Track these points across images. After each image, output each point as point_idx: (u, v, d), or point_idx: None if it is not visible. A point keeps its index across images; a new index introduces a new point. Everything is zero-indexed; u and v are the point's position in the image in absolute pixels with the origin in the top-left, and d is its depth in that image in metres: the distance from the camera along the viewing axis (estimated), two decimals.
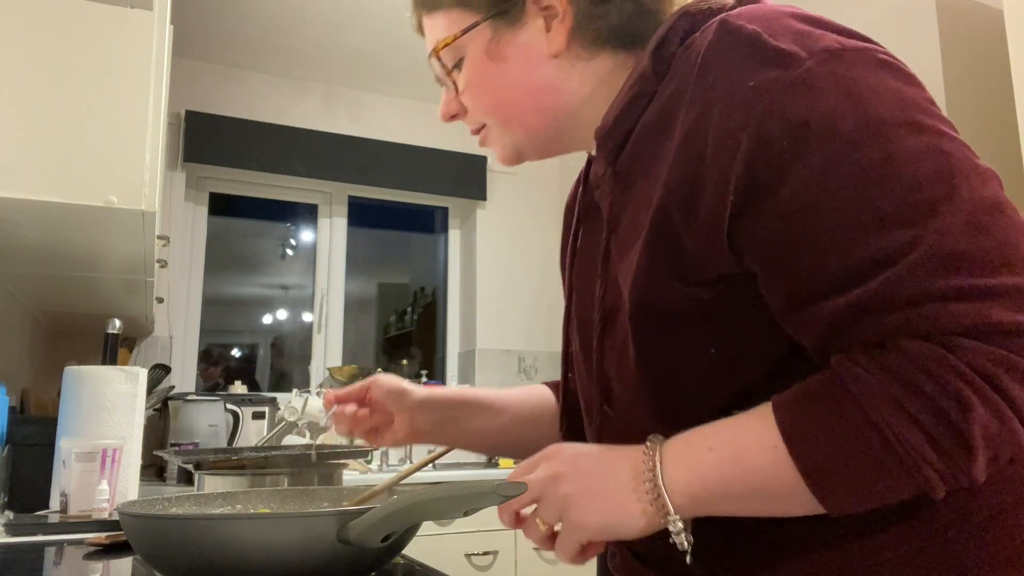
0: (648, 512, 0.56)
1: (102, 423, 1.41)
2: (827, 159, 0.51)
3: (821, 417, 0.51)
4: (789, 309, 0.54)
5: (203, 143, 3.22)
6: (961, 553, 0.54)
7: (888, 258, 0.49)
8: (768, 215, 0.53)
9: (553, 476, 0.58)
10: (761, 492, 0.53)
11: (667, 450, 0.56)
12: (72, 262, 1.73)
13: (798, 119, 0.52)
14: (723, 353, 0.59)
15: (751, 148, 0.53)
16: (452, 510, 0.63)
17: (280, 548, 0.63)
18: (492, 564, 2.66)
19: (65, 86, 1.33)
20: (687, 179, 0.57)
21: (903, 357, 0.48)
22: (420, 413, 0.89)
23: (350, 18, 3.05)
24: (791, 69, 0.53)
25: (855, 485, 0.50)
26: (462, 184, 3.71)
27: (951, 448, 0.47)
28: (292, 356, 3.61)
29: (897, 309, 0.49)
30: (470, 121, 0.77)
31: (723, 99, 0.55)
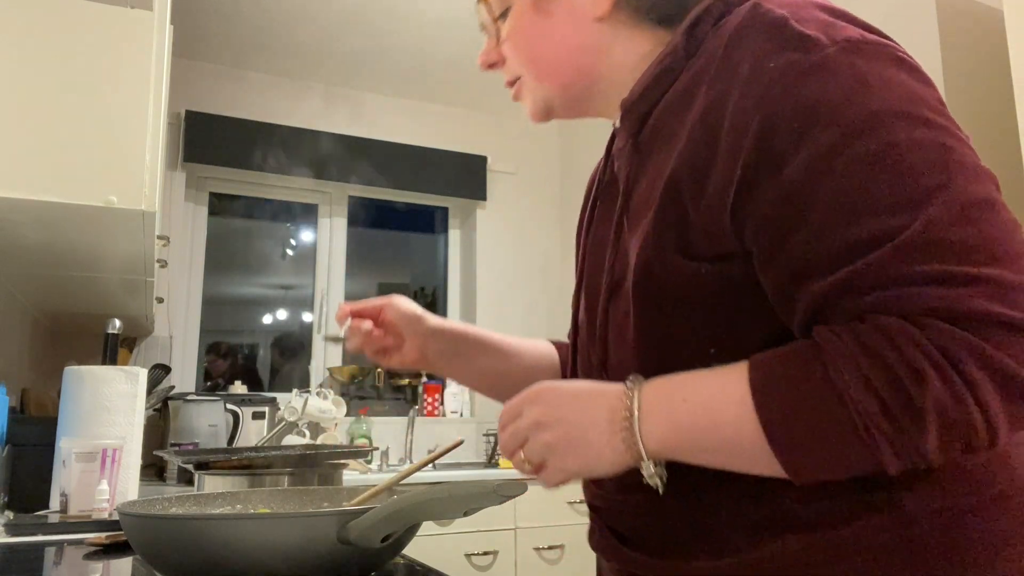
0: (624, 456, 0.59)
1: (102, 423, 1.41)
2: (831, 143, 0.53)
3: (788, 375, 0.53)
4: (781, 287, 0.56)
5: (203, 143, 3.22)
6: (925, 550, 0.55)
7: (876, 240, 0.51)
8: (770, 193, 0.55)
9: (536, 423, 0.62)
10: (727, 445, 0.56)
11: (645, 396, 0.59)
12: (72, 262, 1.73)
13: (809, 102, 0.54)
14: (715, 330, 0.60)
15: (762, 126, 0.55)
16: (452, 510, 0.63)
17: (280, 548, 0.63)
18: (492, 564, 2.66)
19: (65, 86, 1.33)
20: (700, 153, 0.59)
21: (874, 328, 0.50)
22: (431, 341, 0.91)
23: (350, 18, 3.05)
24: (811, 54, 0.55)
25: (811, 445, 0.52)
26: (462, 184, 3.71)
27: (902, 416, 0.49)
28: (292, 356, 3.61)
29: (878, 288, 0.51)
30: (507, 71, 0.79)
31: (744, 78, 0.57)
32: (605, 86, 0.74)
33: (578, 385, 0.64)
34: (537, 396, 0.64)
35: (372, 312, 0.92)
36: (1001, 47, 2.07)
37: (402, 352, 0.92)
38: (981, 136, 2.48)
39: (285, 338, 3.66)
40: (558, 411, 0.62)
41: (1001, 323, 0.48)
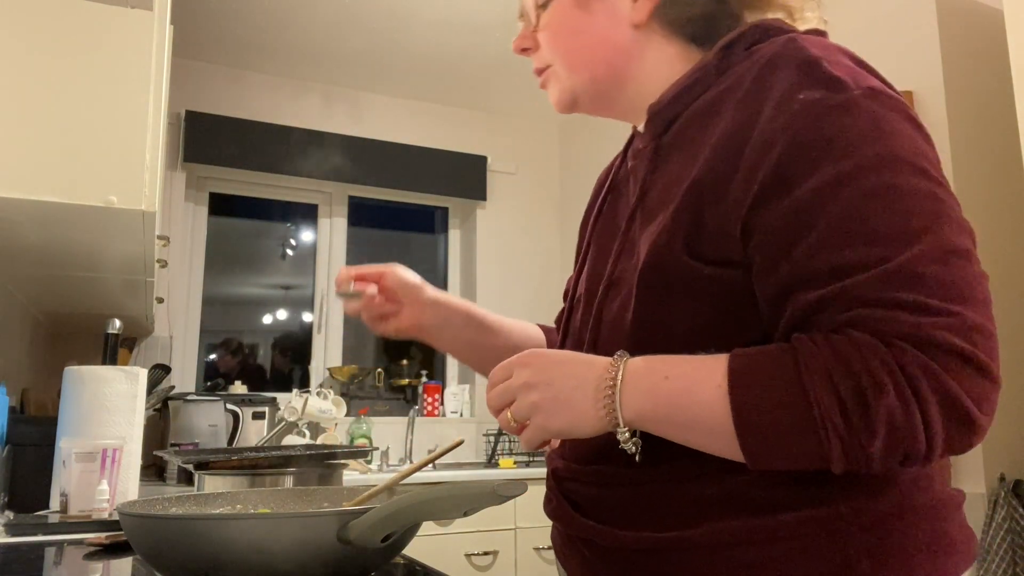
0: (603, 421, 0.64)
1: (102, 423, 1.41)
2: (840, 174, 0.59)
3: (764, 369, 0.59)
4: (774, 295, 0.62)
5: (203, 143, 3.22)
6: (850, 546, 0.61)
7: (865, 265, 0.57)
8: (780, 209, 0.61)
9: (525, 384, 0.67)
10: (697, 423, 0.61)
11: (629, 369, 0.64)
12: (72, 262, 1.73)
13: (830, 134, 0.60)
14: (706, 329, 0.66)
15: (785, 149, 0.61)
16: (452, 510, 0.63)
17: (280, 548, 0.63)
18: (492, 564, 2.66)
19: (65, 86, 1.33)
20: (724, 165, 0.64)
21: (847, 340, 0.56)
22: (428, 310, 0.94)
23: (350, 18, 3.05)
24: (839, 93, 0.61)
25: (771, 434, 0.58)
26: (462, 184, 3.71)
27: (857, 421, 0.55)
28: (292, 356, 3.61)
29: (858, 306, 0.57)
30: (538, 59, 0.83)
31: (774, 103, 0.63)
32: (632, 89, 0.79)
33: (567, 353, 0.69)
34: (528, 359, 0.68)
35: (374, 277, 0.94)
36: (1001, 47, 2.07)
37: (399, 319, 0.94)
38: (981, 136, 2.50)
39: (285, 338, 3.66)
40: (547, 374, 0.66)
41: (959, 355, 0.54)
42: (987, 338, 0.56)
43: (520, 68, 3.45)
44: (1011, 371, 2.25)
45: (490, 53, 3.32)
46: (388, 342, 3.86)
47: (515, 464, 3.13)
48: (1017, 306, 2.30)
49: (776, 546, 0.62)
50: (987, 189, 2.36)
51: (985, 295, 0.58)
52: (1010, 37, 1.84)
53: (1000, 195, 2.38)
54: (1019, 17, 1.83)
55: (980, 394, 0.55)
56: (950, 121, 2.35)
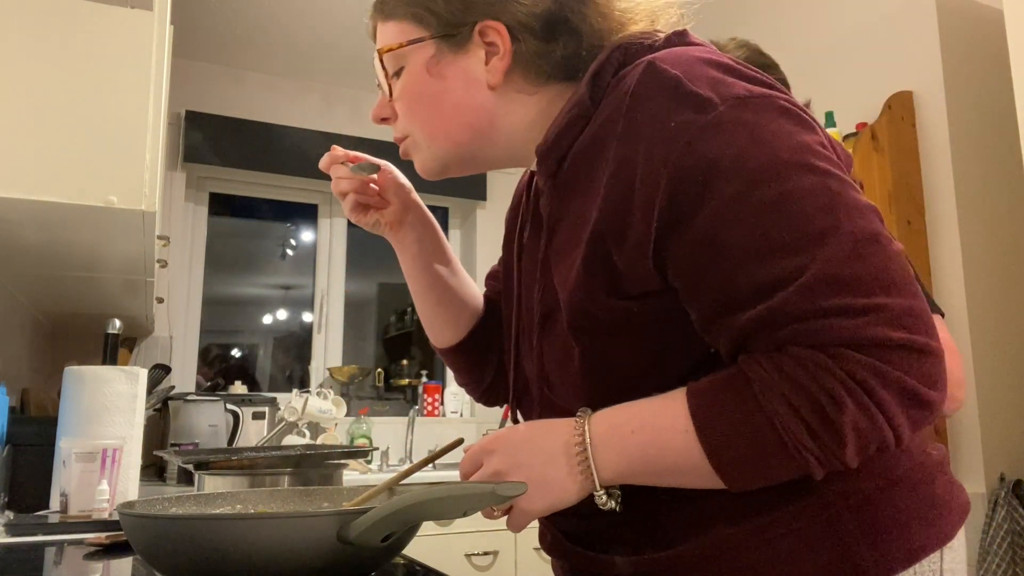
0: (583, 487, 0.65)
1: (102, 423, 1.41)
2: (733, 195, 0.59)
3: (725, 406, 0.59)
4: (704, 321, 0.63)
5: (203, 143, 3.22)
6: (842, 529, 0.63)
7: (783, 281, 0.57)
8: (684, 241, 0.61)
9: (495, 473, 0.67)
10: (674, 469, 0.62)
11: (594, 429, 0.65)
12: (72, 262, 1.73)
13: (711, 157, 0.60)
14: (652, 354, 0.66)
15: (671, 181, 0.60)
16: (452, 510, 0.63)
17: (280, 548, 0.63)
18: (492, 564, 2.66)
19: (65, 86, 1.33)
20: (619, 206, 0.64)
21: (793, 361, 0.57)
22: (411, 214, 0.94)
23: (350, 18, 3.05)
24: (706, 113, 0.60)
25: (749, 464, 0.59)
26: (462, 184, 3.71)
27: (825, 437, 0.56)
28: (292, 356, 3.61)
29: (790, 323, 0.57)
30: (397, 128, 0.81)
31: (648, 137, 0.62)
32: (503, 144, 0.78)
33: (528, 428, 0.69)
34: (492, 445, 0.68)
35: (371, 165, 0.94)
36: (1001, 47, 2.07)
37: (383, 213, 0.93)
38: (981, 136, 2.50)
39: (285, 338, 3.66)
40: (515, 458, 0.67)
41: (898, 346, 0.55)
42: (917, 317, 0.57)
43: None
44: (1011, 371, 2.25)
45: None
46: (388, 341, 3.86)
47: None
48: (1017, 306, 2.30)
49: (772, 545, 0.63)
50: (987, 189, 2.36)
51: (903, 274, 0.58)
52: (1010, 37, 1.84)
53: (1000, 195, 2.38)
54: (1019, 17, 1.83)
55: (928, 374, 0.56)
56: (950, 121, 2.35)
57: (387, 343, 3.86)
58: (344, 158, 0.91)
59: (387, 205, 0.93)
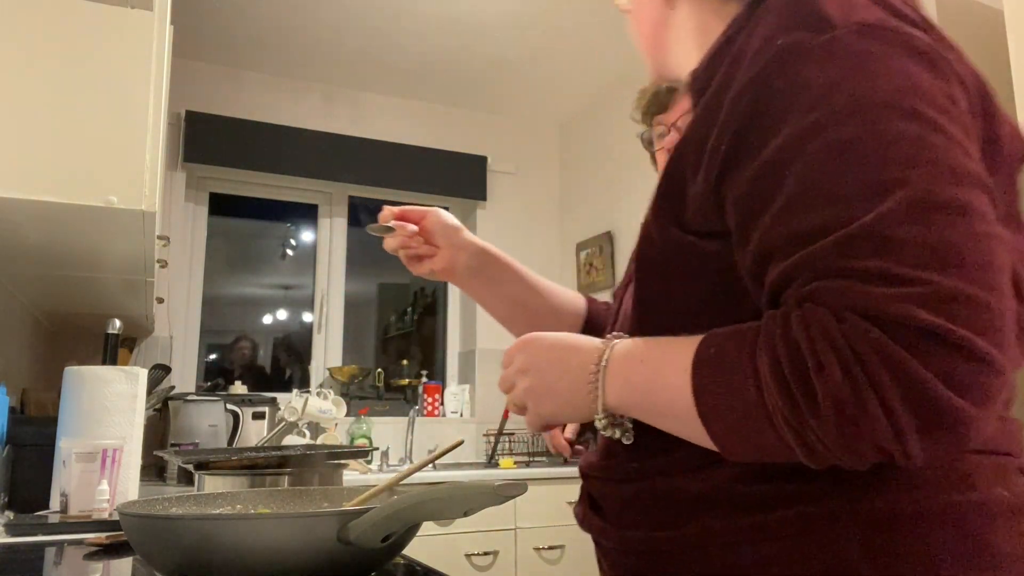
0: (589, 407, 0.63)
1: (102, 423, 1.41)
2: (808, 126, 0.52)
3: (726, 352, 0.54)
4: (750, 269, 0.57)
5: (203, 143, 3.22)
6: (844, 547, 0.55)
7: (824, 230, 0.51)
8: (747, 172, 0.55)
9: (519, 370, 0.68)
10: (667, 410, 0.58)
11: (615, 353, 0.62)
12: (72, 262, 1.73)
13: (801, 82, 0.53)
14: (706, 304, 0.61)
15: (754, 103, 0.55)
16: (452, 510, 0.63)
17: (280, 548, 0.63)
18: (492, 564, 2.66)
19: (65, 86, 1.33)
20: (703, 127, 0.59)
21: (799, 317, 0.50)
22: (463, 254, 0.93)
23: (350, 18, 3.05)
24: (820, 33, 0.54)
25: (730, 420, 0.54)
26: (462, 184, 3.71)
27: (801, 401, 0.49)
28: (292, 356, 3.61)
29: (817, 278, 0.51)
30: None
31: (754, 53, 0.57)
32: (672, 64, 0.77)
33: (558, 337, 0.68)
34: (524, 344, 0.68)
35: (415, 216, 0.94)
36: (1001, 47, 2.07)
37: (433, 260, 0.94)
38: None
39: (285, 338, 3.66)
40: (535, 360, 0.67)
41: (925, 331, 0.46)
42: (972, 308, 0.47)
43: (520, 68, 3.45)
44: None
45: (490, 53, 3.32)
46: (388, 341, 3.86)
47: (515, 464, 3.13)
48: None
49: (765, 546, 0.58)
50: None
51: (983, 257, 0.48)
52: (1010, 37, 1.84)
53: None
54: (1019, 17, 1.83)
55: (958, 376, 0.46)
56: None
57: (387, 343, 3.86)
58: (391, 218, 0.93)
59: (436, 252, 0.94)
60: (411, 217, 0.94)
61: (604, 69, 3.42)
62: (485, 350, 3.62)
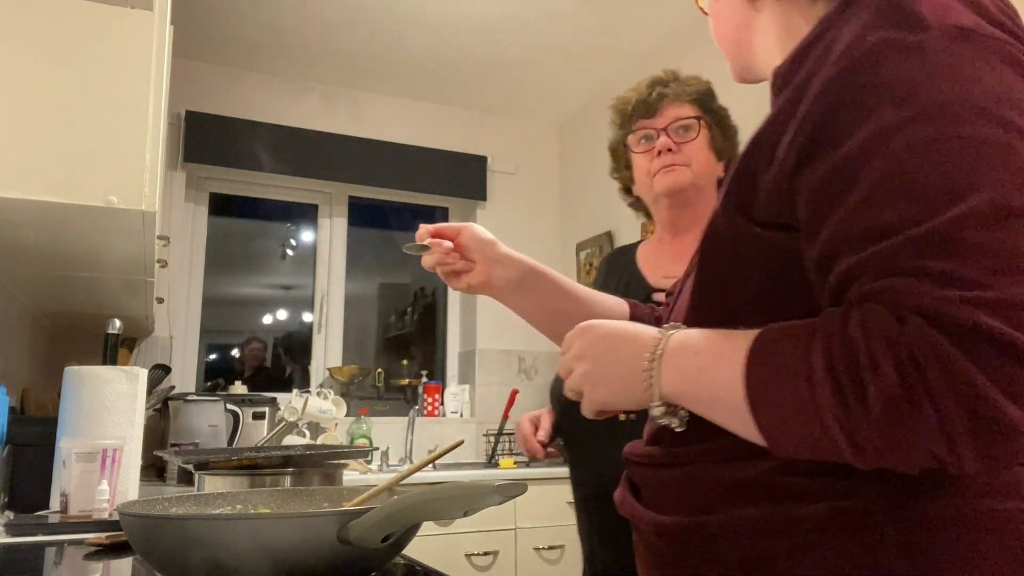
0: (645, 394, 0.63)
1: (102, 423, 1.41)
2: (893, 123, 0.52)
3: (781, 348, 0.54)
4: (818, 262, 0.56)
5: (203, 143, 3.22)
6: (883, 549, 0.55)
7: (896, 228, 0.50)
8: (825, 165, 0.55)
9: (575, 356, 0.69)
10: (719, 401, 0.58)
11: (671, 342, 0.62)
12: (72, 262, 1.73)
13: (889, 80, 0.53)
14: (762, 296, 0.62)
15: (840, 97, 0.55)
16: (452, 510, 0.63)
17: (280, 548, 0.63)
18: (492, 564, 2.66)
19: (65, 86, 1.33)
20: (782, 117, 0.59)
21: (860, 315, 0.50)
22: (500, 267, 0.95)
23: (350, 18, 3.05)
24: (912, 33, 0.54)
25: (780, 417, 0.53)
26: (462, 184, 3.71)
27: (850, 397, 0.49)
28: (292, 356, 3.61)
29: (884, 276, 0.50)
30: None
31: (843, 49, 0.56)
32: (755, 62, 0.78)
33: (615, 325, 0.69)
34: (582, 332, 0.70)
35: (451, 233, 0.95)
36: None
37: (470, 275, 0.95)
38: None
39: (285, 338, 3.66)
40: (591, 347, 0.68)
41: (990, 339, 0.46)
42: None
43: (520, 68, 3.45)
44: None
45: (490, 53, 3.32)
46: (388, 341, 3.86)
47: (515, 464, 3.13)
48: None
49: (794, 538, 0.57)
50: None
51: None
52: None
53: None
54: None
55: (1018, 386, 0.45)
56: None
57: (387, 343, 3.86)
58: (427, 236, 0.94)
59: (472, 267, 0.95)
60: (446, 234, 0.94)
61: (604, 69, 3.42)
62: (485, 350, 3.62)
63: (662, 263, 1.41)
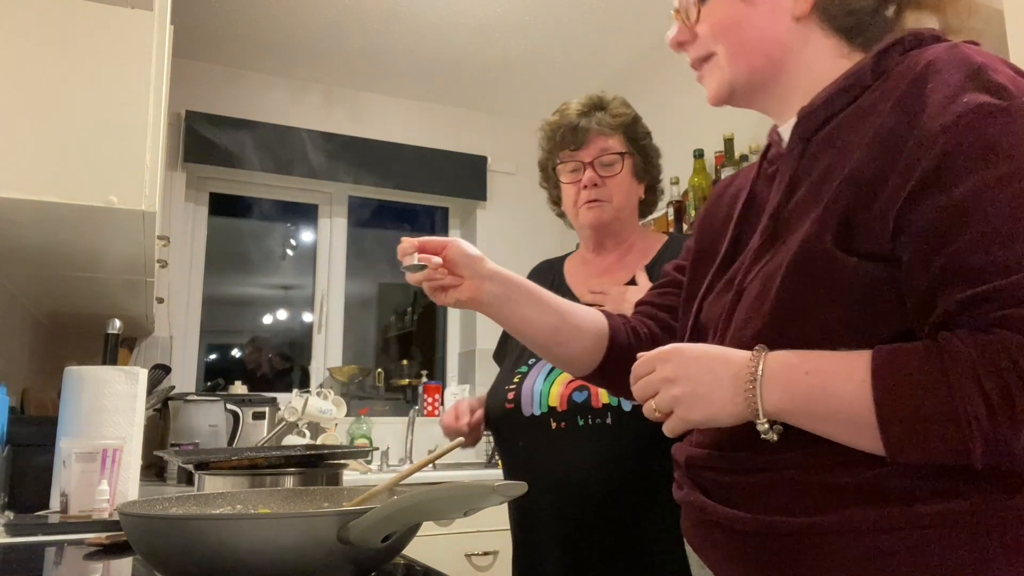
0: (744, 412, 0.68)
1: (102, 423, 1.41)
2: (999, 176, 0.61)
3: (909, 366, 0.61)
4: (925, 291, 0.64)
5: (203, 143, 3.21)
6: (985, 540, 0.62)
7: (1013, 267, 0.60)
8: (937, 205, 0.63)
9: (666, 379, 0.72)
10: (837, 417, 0.64)
11: (769, 363, 0.68)
12: (72, 262, 1.73)
13: (991, 138, 0.62)
14: (847, 318, 0.68)
15: (946, 148, 0.63)
16: (452, 510, 0.63)
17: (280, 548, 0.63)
18: (492, 564, 2.66)
19: (65, 86, 1.33)
20: (883, 159, 0.66)
21: (996, 340, 0.59)
22: (488, 283, 0.95)
23: (350, 18, 3.05)
24: (1001, 99, 0.64)
25: (913, 427, 0.60)
26: (462, 184, 3.71)
27: (1002, 419, 0.57)
28: (292, 356, 3.61)
29: (1007, 307, 0.59)
30: (697, 50, 0.85)
31: (939, 103, 0.65)
32: (785, 83, 0.81)
33: (704, 349, 0.73)
34: (668, 355, 0.73)
35: (436, 248, 0.95)
36: (1001, 47, 2.06)
37: (458, 291, 0.95)
38: None
39: (285, 338, 3.66)
40: (686, 369, 0.71)
41: None
42: None
43: (520, 68, 3.45)
44: None
45: (490, 53, 3.32)
46: (388, 341, 3.86)
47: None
48: None
49: (912, 535, 0.63)
50: None
51: None
52: (1010, 37, 1.84)
53: None
54: (1019, 17, 1.83)
55: None
56: None
57: (387, 343, 3.86)
58: (412, 249, 0.93)
59: (461, 282, 0.95)
60: (431, 247, 0.94)
61: (604, 69, 3.42)
62: (485, 350, 3.62)
63: (588, 277, 1.49)
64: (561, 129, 1.45)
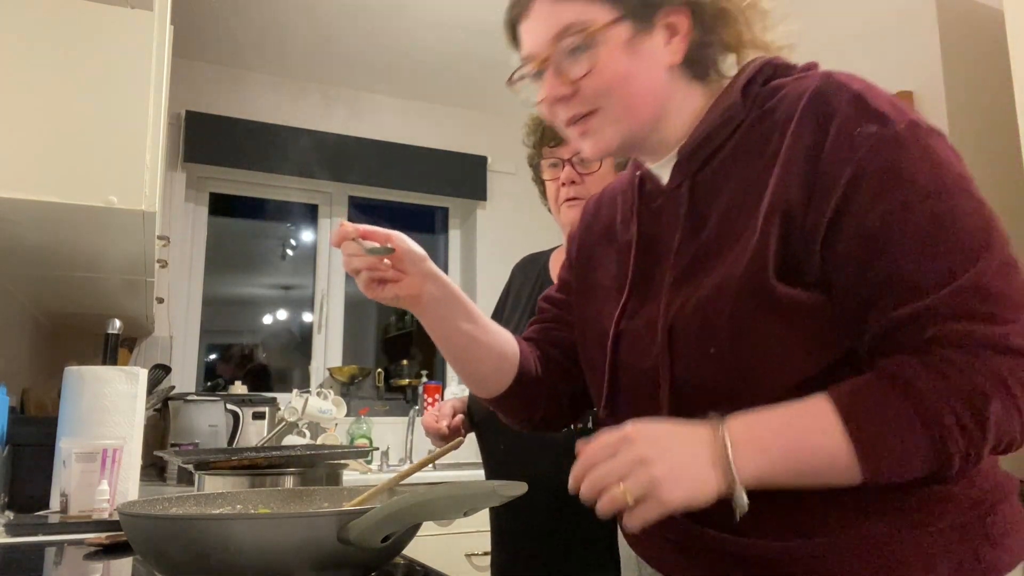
0: (720, 486, 0.66)
1: (102, 423, 1.41)
2: (905, 201, 0.67)
3: (875, 402, 0.65)
4: (855, 314, 0.69)
5: (203, 143, 3.21)
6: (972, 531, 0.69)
7: (938, 284, 0.65)
8: (853, 235, 0.68)
9: (639, 459, 0.65)
10: (818, 469, 0.66)
11: (733, 431, 0.66)
12: (72, 262, 1.73)
13: (889, 166, 0.68)
14: (793, 352, 0.70)
15: (851, 179, 0.68)
16: (452, 510, 0.63)
17: (280, 548, 0.63)
18: None
19: (65, 86, 1.33)
20: (798, 192, 0.70)
21: (943, 361, 0.63)
22: (429, 283, 0.90)
23: (350, 18, 3.05)
24: (887, 128, 0.68)
25: (896, 458, 0.64)
26: (462, 184, 3.71)
27: (973, 430, 0.63)
28: (292, 356, 3.61)
29: (941, 322, 0.64)
30: (578, 105, 0.81)
31: (833, 137, 0.69)
32: (662, 129, 0.82)
33: (670, 425, 0.69)
34: (632, 435, 0.67)
35: (381, 238, 0.89)
36: (1001, 47, 2.06)
37: (399, 286, 0.88)
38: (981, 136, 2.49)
39: (285, 338, 3.66)
40: (660, 446, 0.66)
41: None
42: None
43: None
44: None
45: (490, 53, 3.32)
46: (388, 341, 3.86)
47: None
48: None
49: (921, 542, 0.68)
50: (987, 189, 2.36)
51: None
52: (1010, 37, 1.84)
53: (1000, 195, 2.37)
54: (1019, 17, 1.83)
55: None
56: (950, 121, 2.35)
57: (387, 343, 3.86)
58: (355, 234, 0.86)
59: (403, 277, 0.89)
60: (376, 237, 0.88)
61: None
62: None
63: None
64: (543, 125, 1.45)
